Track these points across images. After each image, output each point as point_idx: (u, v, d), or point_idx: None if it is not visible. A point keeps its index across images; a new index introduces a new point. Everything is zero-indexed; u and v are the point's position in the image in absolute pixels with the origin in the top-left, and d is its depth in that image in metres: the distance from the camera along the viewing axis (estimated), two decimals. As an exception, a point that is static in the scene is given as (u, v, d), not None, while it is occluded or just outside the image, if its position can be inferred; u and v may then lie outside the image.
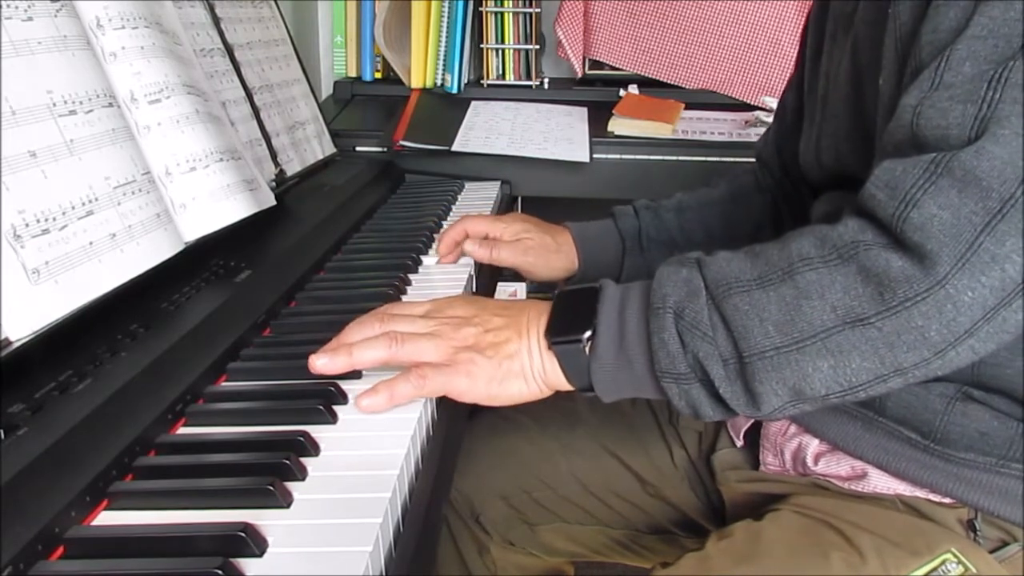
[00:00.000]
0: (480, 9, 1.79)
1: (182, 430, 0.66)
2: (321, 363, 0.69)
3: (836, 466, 0.77)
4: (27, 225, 0.65)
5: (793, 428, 0.80)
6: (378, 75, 1.83)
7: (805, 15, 0.97)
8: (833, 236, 0.61)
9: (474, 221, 1.03)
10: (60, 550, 0.52)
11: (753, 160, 1.10)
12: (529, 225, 1.02)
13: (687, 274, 0.65)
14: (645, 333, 0.65)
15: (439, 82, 1.76)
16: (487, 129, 1.57)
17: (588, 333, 0.67)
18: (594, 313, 0.67)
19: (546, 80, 1.85)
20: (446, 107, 1.69)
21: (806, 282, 0.60)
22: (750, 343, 0.61)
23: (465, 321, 0.71)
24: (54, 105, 0.71)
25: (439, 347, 0.70)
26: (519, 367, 0.69)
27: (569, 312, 0.70)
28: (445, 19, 1.73)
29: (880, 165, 0.61)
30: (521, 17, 1.81)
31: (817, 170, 0.84)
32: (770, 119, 1.11)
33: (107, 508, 0.56)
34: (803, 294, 0.60)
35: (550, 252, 1.01)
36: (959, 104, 0.57)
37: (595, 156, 1.49)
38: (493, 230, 1.02)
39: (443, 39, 1.74)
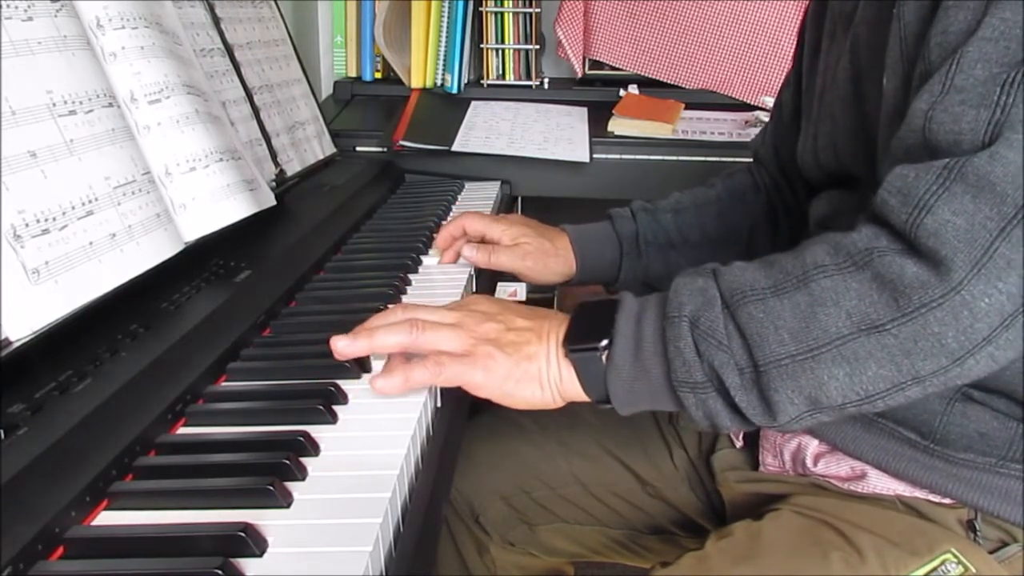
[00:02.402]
0: (480, 9, 1.79)
1: (182, 430, 0.66)
2: (342, 345, 0.69)
3: (835, 467, 0.77)
4: (27, 225, 0.65)
5: (793, 428, 0.80)
6: (378, 75, 1.83)
7: (803, 13, 0.97)
8: (847, 243, 0.60)
9: (472, 219, 1.03)
10: (60, 550, 0.52)
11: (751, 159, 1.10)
12: (527, 228, 1.02)
13: (703, 283, 0.64)
14: (661, 342, 0.64)
15: (439, 82, 1.76)
16: (487, 129, 1.57)
17: (605, 342, 0.66)
18: (612, 323, 0.67)
19: (546, 80, 1.85)
20: (446, 107, 1.69)
21: (820, 289, 0.59)
22: (765, 351, 0.60)
23: (488, 317, 0.71)
24: (54, 105, 0.71)
25: (460, 337, 0.69)
26: (536, 371, 0.69)
27: (588, 322, 0.69)
28: (445, 19, 1.73)
29: (892, 171, 0.60)
30: (521, 17, 1.81)
31: (815, 169, 0.84)
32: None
33: (107, 508, 0.56)
34: (817, 301, 0.59)
35: (548, 256, 1.01)
36: (972, 109, 0.56)
37: (595, 156, 1.49)
38: (491, 232, 1.01)
39: (443, 39, 1.74)
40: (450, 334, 0.70)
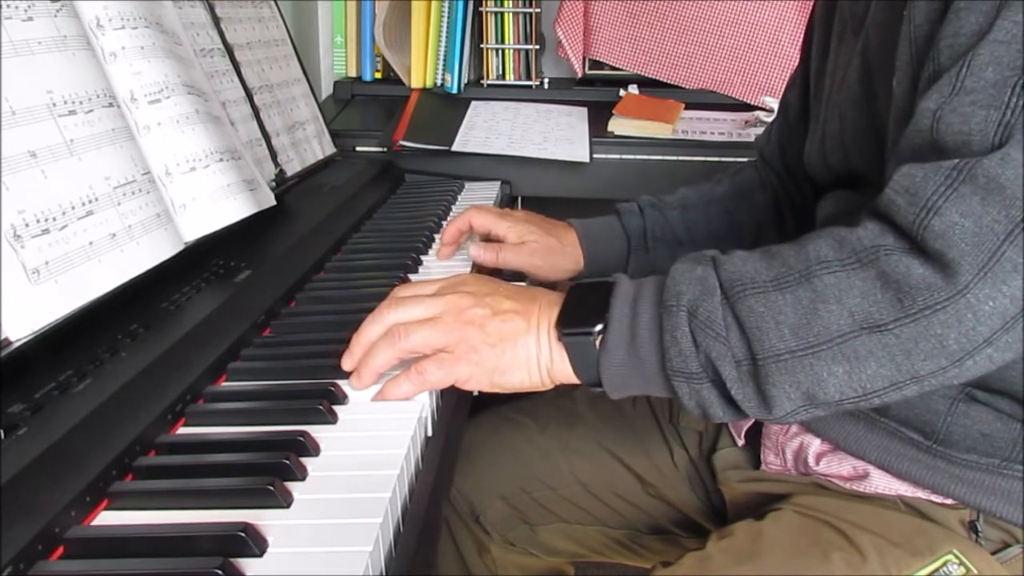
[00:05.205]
0: (480, 9, 1.79)
1: (182, 430, 0.66)
2: (346, 365, 0.72)
3: (838, 466, 0.77)
4: (27, 225, 0.65)
5: (794, 428, 0.79)
6: (378, 75, 1.83)
7: (808, 14, 0.96)
8: (852, 239, 0.60)
9: (479, 214, 1.02)
10: (60, 550, 0.52)
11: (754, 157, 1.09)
12: (533, 225, 1.01)
13: (702, 272, 0.64)
14: (657, 330, 0.64)
15: (439, 82, 1.76)
16: (487, 129, 1.57)
17: (599, 327, 0.66)
18: (607, 307, 0.66)
19: (546, 80, 1.85)
20: (446, 107, 1.69)
21: (823, 285, 0.59)
22: (764, 345, 0.60)
23: (475, 300, 0.71)
24: (54, 105, 0.71)
25: (443, 330, 0.69)
26: (524, 356, 0.69)
27: (581, 305, 0.69)
28: (445, 19, 1.73)
29: (899, 170, 0.60)
30: (521, 17, 1.81)
31: (823, 169, 0.84)
32: (770, 119, 1.11)
33: (107, 508, 0.56)
34: (820, 297, 0.59)
35: (555, 253, 1.01)
36: (982, 110, 0.56)
37: (595, 156, 1.49)
38: (498, 229, 1.01)
39: (443, 39, 1.74)
40: (432, 330, 0.69)
